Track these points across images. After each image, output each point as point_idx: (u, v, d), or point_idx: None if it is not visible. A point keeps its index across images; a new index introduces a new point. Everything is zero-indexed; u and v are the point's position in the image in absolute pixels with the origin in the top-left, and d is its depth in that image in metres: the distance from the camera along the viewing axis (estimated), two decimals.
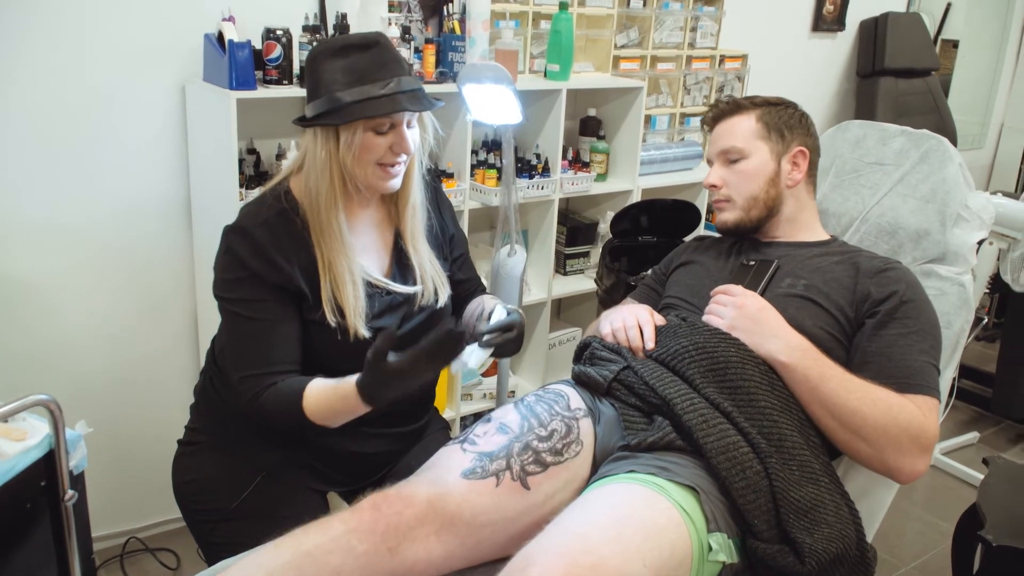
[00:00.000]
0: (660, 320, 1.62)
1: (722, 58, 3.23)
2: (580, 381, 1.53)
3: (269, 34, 2.07)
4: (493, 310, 1.60)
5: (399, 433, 1.70)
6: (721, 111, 1.79)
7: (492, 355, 1.54)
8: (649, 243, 2.45)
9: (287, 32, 2.08)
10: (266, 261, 1.46)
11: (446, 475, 1.31)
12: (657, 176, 2.96)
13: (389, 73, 1.43)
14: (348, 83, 1.41)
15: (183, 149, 2.27)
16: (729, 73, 3.27)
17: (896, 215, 1.86)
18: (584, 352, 1.63)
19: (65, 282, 2.20)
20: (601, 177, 2.83)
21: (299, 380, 1.46)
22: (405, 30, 2.30)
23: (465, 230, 2.47)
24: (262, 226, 1.48)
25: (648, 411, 1.44)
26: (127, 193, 2.22)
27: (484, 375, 2.72)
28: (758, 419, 1.39)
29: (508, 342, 1.53)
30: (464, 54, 2.40)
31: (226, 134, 2.01)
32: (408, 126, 1.49)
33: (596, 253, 2.92)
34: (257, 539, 1.48)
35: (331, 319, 1.49)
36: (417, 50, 2.36)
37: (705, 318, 1.57)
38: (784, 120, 1.74)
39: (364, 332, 1.51)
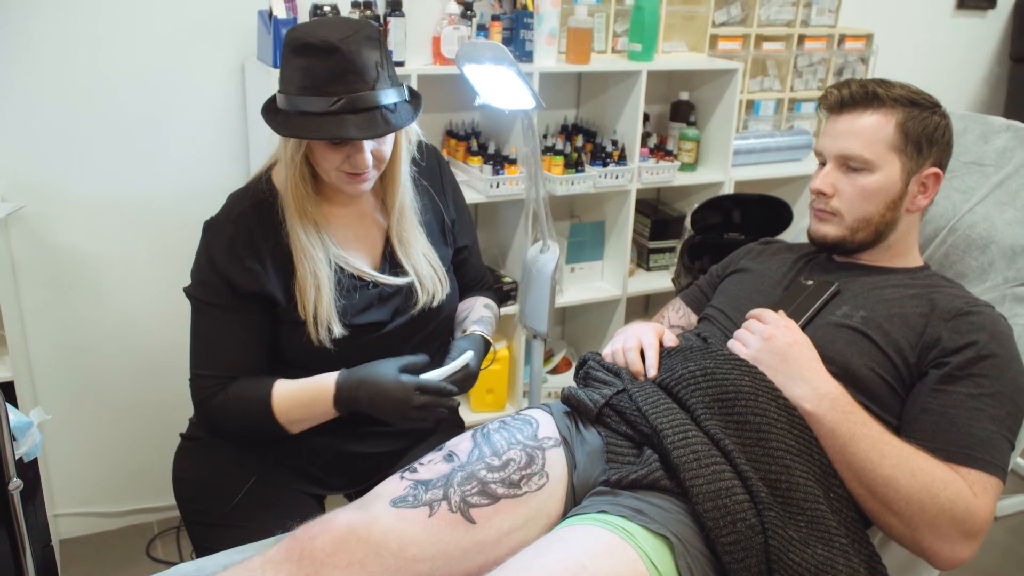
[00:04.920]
0: (671, 341, 1.43)
1: (842, 37, 2.90)
2: (570, 404, 1.36)
3: (316, 10, 1.99)
4: (452, 346, 1.53)
5: (400, 431, 1.59)
6: (852, 97, 1.42)
7: None
8: (735, 241, 2.22)
9: (335, 8, 2.00)
10: (237, 262, 1.42)
11: (375, 502, 1.19)
12: (756, 167, 2.71)
13: (345, 88, 1.30)
14: (300, 88, 1.31)
15: (243, 130, 2.24)
16: (850, 55, 2.94)
17: (990, 226, 1.58)
18: (580, 369, 1.46)
19: (124, 262, 2.21)
20: (689, 167, 2.62)
21: (259, 380, 1.43)
22: (467, 6, 2.17)
23: (529, 218, 2.33)
24: (235, 221, 1.43)
25: (639, 441, 1.26)
26: (187, 175, 2.21)
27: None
28: (765, 462, 1.19)
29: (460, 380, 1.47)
30: (534, 32, 2.25)
31: None
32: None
33: None
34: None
35: (302, 314, 1.43)
36: (481, 27, 2.23)
37: (729, 344, 1.37)
38: (927, 131, 1.40)
39: (338, 330, 1.44)
